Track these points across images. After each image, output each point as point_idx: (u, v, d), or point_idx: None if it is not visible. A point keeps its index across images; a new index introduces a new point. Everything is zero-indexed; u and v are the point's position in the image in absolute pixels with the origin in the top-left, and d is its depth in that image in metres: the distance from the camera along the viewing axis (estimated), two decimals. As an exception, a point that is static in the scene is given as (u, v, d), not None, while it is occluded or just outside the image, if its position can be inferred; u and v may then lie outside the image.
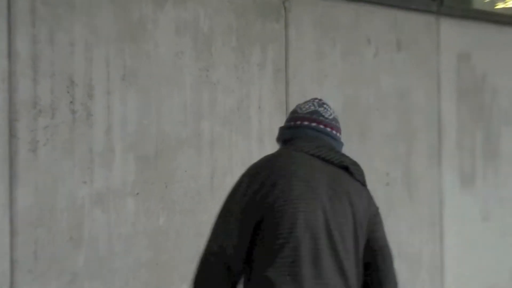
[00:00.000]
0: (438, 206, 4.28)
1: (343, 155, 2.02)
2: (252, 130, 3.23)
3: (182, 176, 2.94)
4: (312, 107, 2.09)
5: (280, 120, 3.22)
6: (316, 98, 2.18)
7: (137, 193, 2.77)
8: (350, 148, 3.04)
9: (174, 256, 2.91)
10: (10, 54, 2.52)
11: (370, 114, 3.89)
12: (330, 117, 2.10)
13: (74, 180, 2.58)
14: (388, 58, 3.92)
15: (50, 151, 2.53)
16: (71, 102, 2.56)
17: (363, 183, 2.00)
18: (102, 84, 2.67)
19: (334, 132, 2.06)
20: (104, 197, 2.69)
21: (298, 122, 2.04)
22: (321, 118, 2.06)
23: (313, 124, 2.04)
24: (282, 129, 2.09)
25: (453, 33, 4.42)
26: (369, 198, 2.00)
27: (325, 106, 2.10)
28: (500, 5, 5.62)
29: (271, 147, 2.99)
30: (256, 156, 3.02)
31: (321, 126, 2.04)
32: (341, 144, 2.10)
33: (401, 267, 3.56)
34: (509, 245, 4.73)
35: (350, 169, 1.95)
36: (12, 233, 2.51)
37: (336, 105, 3.30)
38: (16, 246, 2.48)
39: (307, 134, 2.02)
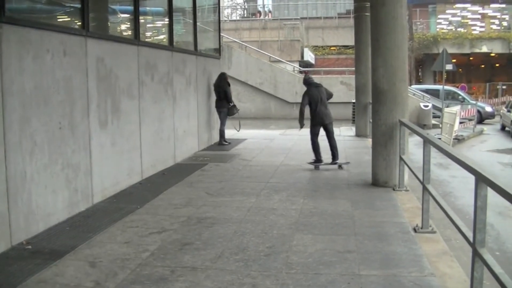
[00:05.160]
0: (88, 139, 6.24)
1: (318, 84, 9.44)
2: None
3: None
4: (307, 77, 9.52)
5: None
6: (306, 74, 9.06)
7: None
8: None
9: None
10: None
11: (49, 92, 5.41)
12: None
13: None
14: (59, 60, 5.62)
15: None
16: None
17: (321, 86, 9.38)
18: None
19: (316, 83, 9.43)
20: None
21: (311, 80, 9.40)
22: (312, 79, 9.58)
23: (311, 80, 9.44)
24: (310, 80, 9.44)
25: (95, 46, 6.34)
26: (325, 89, 9.44)
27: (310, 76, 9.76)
28: (125, 33, 7.62)
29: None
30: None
31: (313, 81, 9.47)
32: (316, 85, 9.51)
33: (60, 172, 5.47)
34: (126, 158, 7.17)
35: (318, 85, 9.31)
36: None
37: (29, 86, 5.00)
38: None
39: (314, 82, 9.46)
